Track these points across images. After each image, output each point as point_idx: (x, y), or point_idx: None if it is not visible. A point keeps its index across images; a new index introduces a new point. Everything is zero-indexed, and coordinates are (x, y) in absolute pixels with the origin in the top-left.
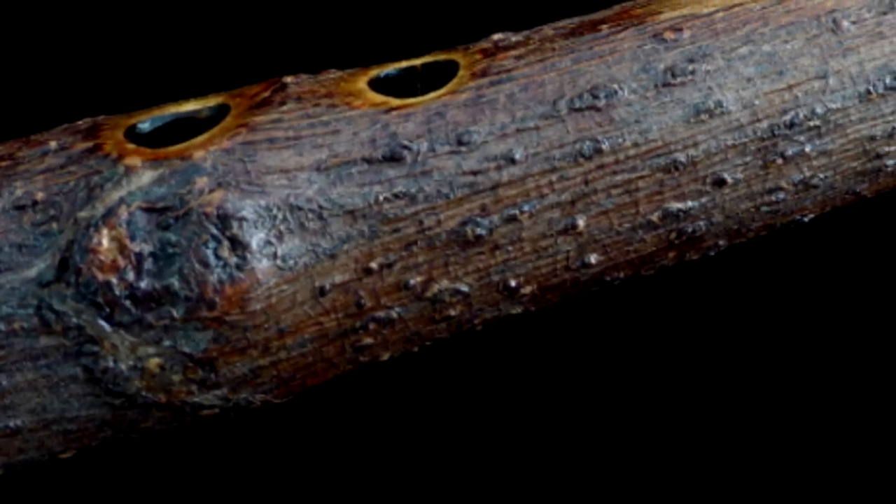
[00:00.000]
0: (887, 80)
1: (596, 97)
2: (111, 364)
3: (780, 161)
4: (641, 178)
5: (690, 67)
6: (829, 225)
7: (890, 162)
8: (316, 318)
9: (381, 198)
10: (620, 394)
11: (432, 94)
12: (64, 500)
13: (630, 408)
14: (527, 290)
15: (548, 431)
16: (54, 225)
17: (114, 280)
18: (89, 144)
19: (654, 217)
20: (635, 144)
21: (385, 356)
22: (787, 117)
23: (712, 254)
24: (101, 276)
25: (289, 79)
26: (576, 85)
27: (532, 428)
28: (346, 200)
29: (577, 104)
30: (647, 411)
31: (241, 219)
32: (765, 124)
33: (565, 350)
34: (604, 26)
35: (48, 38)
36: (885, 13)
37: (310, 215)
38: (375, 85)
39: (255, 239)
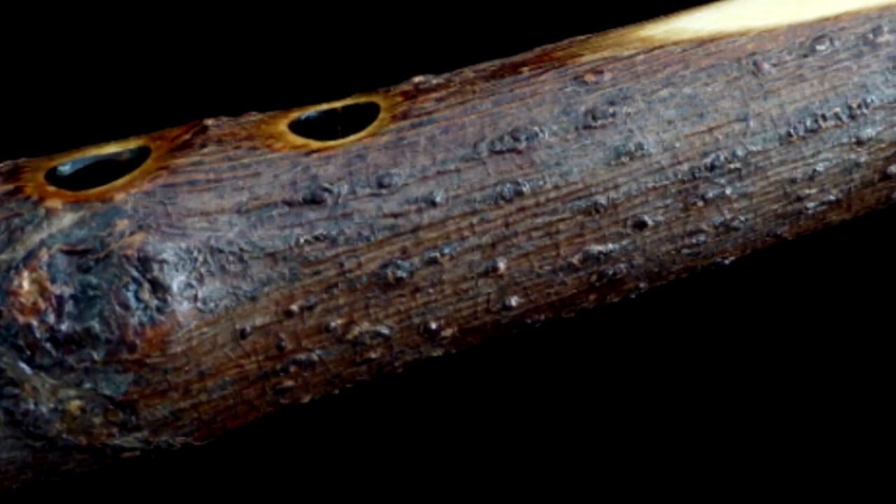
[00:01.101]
0: (808, 123)
1: (517, 140)
2: (32, 406)
3: (700, 203)
4: (562, 220)
5: (611, 110)
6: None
7: (811, 204)
8: (236, 361)
9: (301, 240)
10: (612, 408)
11: (353, 137)
12: None
13: (623, 422)
14: (447, 332)
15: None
16: None
17: (34, 322)
18: (10, 187)
19: (575, 260)
20: (556, 187)
21: (306, 399)
22: (708, 160)
23: (633, 296)
24: (21, 319)
25: (209, 121)
26: (496, 127)
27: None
28: (267, 243)
29: (498, 147)
30: (641, 425)
31: (162, 261)
32: (685, 167)
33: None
34: (524, 69)
35: None
36: (805, 56)
37: (230, 258)
38: (296, 127)
39: (176, 281)
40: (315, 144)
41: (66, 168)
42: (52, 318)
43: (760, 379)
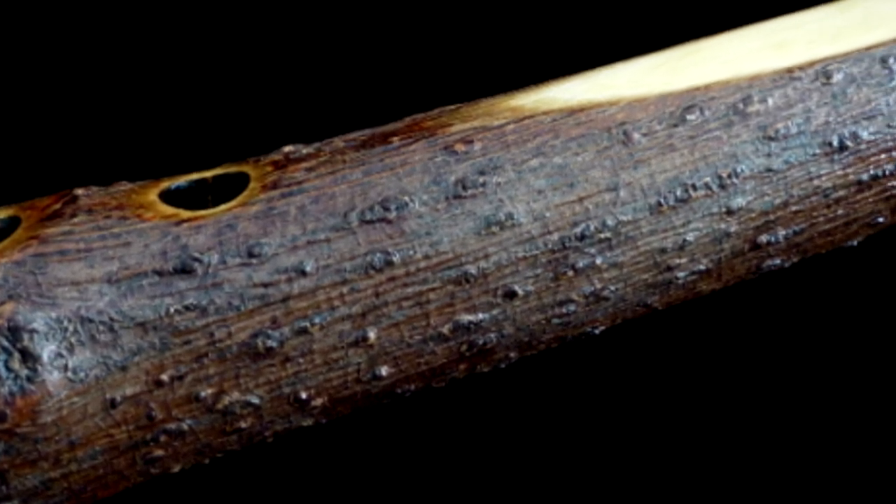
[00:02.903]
0: (678, 192)
1: (387, 209)
2: None
3: (570, 273)
4: (432, 290)
5: (481, 179)
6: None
7: (681, 274)
8: (107, 430)
9: (172, 310)
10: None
11: (223, 207)
12: None
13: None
14: (318, 402)
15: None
16: None
17: None
18: None
19: (445, 329)
20: (426, 256)
21: (176, 468)
22: (578, 229)
23: (503, 366)
24: None
25: (80, 191)
26: (367, 197)
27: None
28: (137, 312)
29: (368, 216)
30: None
31: (32, 331)
32: (556, 236)
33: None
34: (395, 138)
35: None
36: (675, 125)
37: (101, 327)
38: (166, 197)
39: (47, 351)
40: (185, 214)
41: None
42: None
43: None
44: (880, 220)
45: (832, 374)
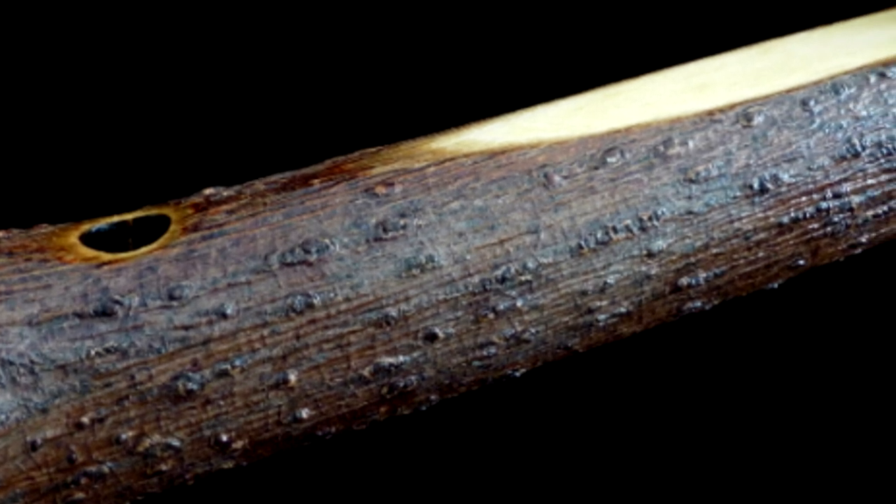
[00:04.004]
0: (599, 235)
1: (307, 252)
2: None
3: (491, 316)
4: (353, 332)
5: (402, 222)
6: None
7: (601, 317)
8: (27, 473)
9: (92, 352)
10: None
11: (144, 249)
12: None
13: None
14: (238, 444)
15: None
16: None
17: None
18: None
19: (366, 372)
20: (347, 299)
21: None
22: (499, 272)
23: (424, 408)
24: None
25: (0, 233)
26: (287, 239)
27: None
28: (58, 355)
29: (289, 259)
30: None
31: None
32: (476, 279)
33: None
34: (315, 181)
35: None
36: (596, 168)
37: (21, 370)
38: (87, 240)
39: None
40: (106, 256)
41: None
42: None
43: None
44: (801, 262)
45: (755, 414)
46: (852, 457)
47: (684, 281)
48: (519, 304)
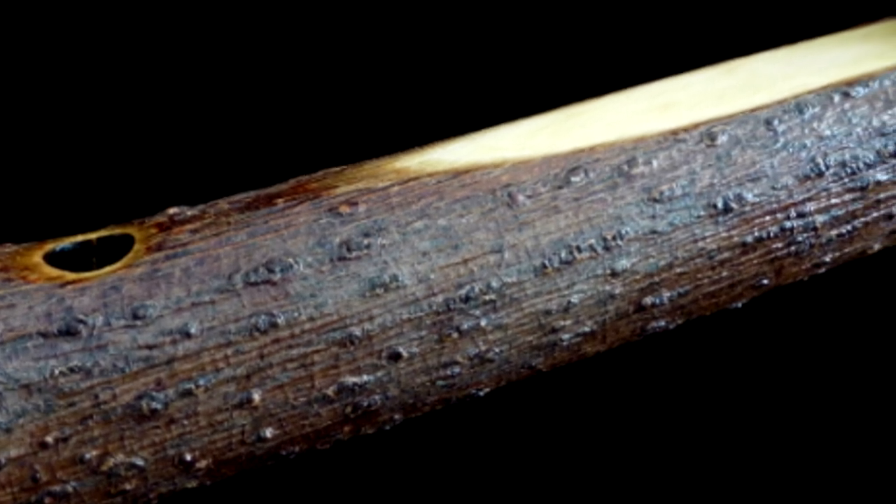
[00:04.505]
0: (562, 254)
1: (271, 271)
2: None
3: (455, 335)
4: (317, 352)
5: (366, 241)
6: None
7: (565, 336)
8: None
9: (56, 372)
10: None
11: (108, 269)
12: None
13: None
14: (202, 464)
15: None
16: None
17: None
18: None
19: (330, 391)
20: (311, 318)
21: None
22: (463, 291)
23: (388, 428)
24: None
25: None
26: (251, 259)
27: None
28: (22, 374)
29: (253, 278)
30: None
31: None
32: (440, 298)
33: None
34: (279, 200)
35: None
36: (560, 187)
37: None
38: (51, 259)
39: None
40: (70, 276)
41: None
42: None
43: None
44: (765, 282)
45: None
46: (821, 474)
47: (648, 300)
48: (483, 323)
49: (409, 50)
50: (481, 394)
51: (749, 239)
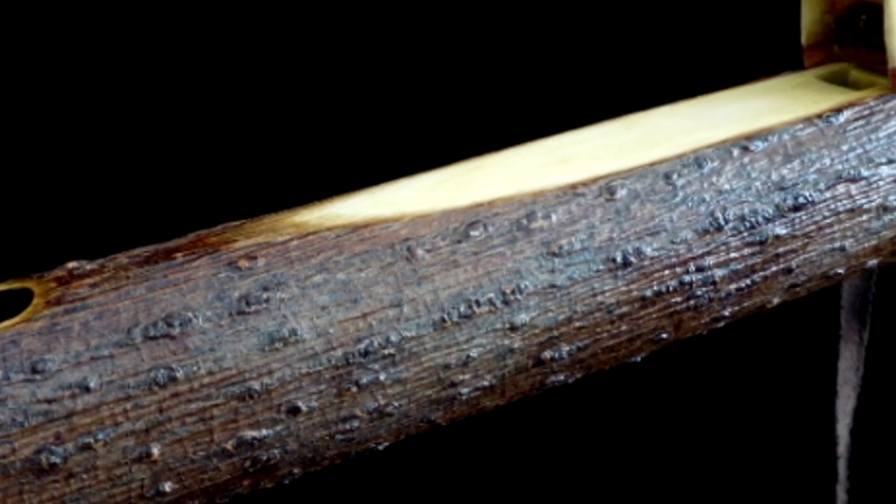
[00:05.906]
0: (462, 308)
1: (170, 325)
2: None
3: (354, 389)
4: (216, 406)
5: (265, 296)
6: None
7: (464, 390)
8: None
9: None
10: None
11: (7, 323)
12: None
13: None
14: None
15: None
16: None
17: None
18: None
19: (229, 445)
20: (210, 372)
21: None
22: (362, 345)
23: (287, 482)
24: None
25: None
26: (150, 313)
27: None
28: None
29: (152, 332)
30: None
31: None
32: (339, 352)
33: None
34: (178, 254)
35: None
36: (459, 241)
37: None
38: None
39: None
40: None
41: None
42: None
43: None
44: (664, 336)
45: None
46: None
47: (547, 354)
48: (382, 377)
49: (304, 104)
50: (380, 448)
51: (648, 293)
